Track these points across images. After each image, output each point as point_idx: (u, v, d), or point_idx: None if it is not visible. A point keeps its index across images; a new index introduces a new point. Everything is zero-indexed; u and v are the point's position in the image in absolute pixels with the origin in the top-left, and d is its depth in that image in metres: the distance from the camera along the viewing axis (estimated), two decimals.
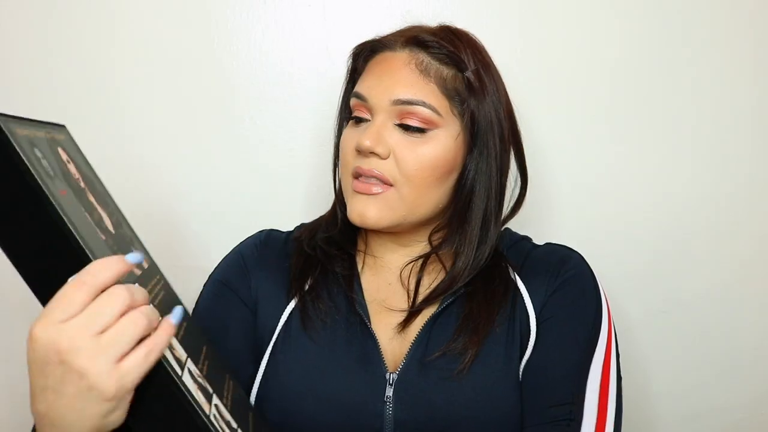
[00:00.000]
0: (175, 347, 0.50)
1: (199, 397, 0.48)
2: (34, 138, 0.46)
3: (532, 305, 0.74)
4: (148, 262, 0.55)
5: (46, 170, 0.44)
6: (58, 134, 0.52)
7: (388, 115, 0.71)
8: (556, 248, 0.80)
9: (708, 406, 1.12)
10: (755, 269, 1.08)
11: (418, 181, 0.71)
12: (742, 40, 1.02)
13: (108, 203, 0.55)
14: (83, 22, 0.99)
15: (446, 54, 0.72)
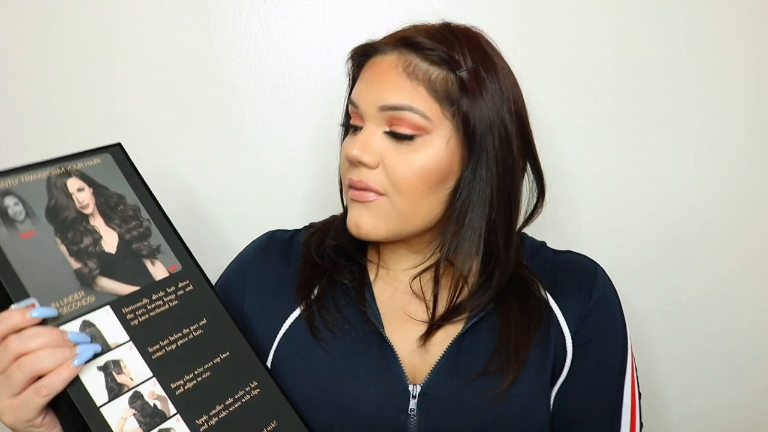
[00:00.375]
0: (127, 370, 0.57)
1: (116, 426, 0.54)
2: (11, 187, 0.58)
3: (567, 326, 0.72)
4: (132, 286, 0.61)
5: (9, 218, 0.56)
6: (90, 161, 0.64)
7: (377, 122, 0.68)
8: (580, 259, 0.78)
9: (708, 405, 1.12)
10: (755, 269, 1.08)
11: (409, 190, 0.67)
12: (742, 40, 1.02)
13: (133, 218, 0.64)
14: (83, 22, 0.99)
15: (437, 54, 0.67)
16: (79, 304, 0.57)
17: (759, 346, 1.10)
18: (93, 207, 0.62)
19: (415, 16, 1.00)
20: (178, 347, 0.61)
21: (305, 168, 1.05)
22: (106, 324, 0.58)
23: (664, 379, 1.11)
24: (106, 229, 0.62)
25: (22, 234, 0.57)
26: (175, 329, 0.62)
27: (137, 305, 0.60)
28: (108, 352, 0.57)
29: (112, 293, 0.60)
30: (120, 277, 0.61)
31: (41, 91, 1.00)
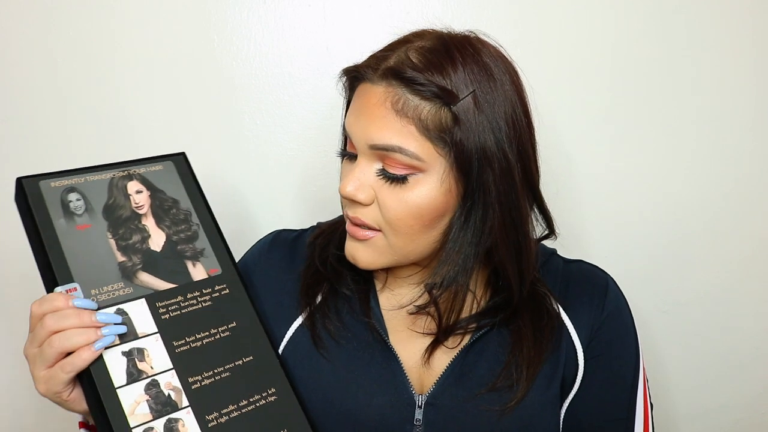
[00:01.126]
0: (149, 359, 0.61)
1: (128, 407, 0.58)
2: (77, 184, 0.66)
3: (578, 339, 0.71)
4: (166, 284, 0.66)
5: (70, 211, 0.64)
6: (153, 166, 0.71)
7: (369, 158, 0.65)
8: (591, 270, 0.77)
9: (708, 405, 1.12)
10: (755, 269, 1.08)
11: (404, 229, 0.65)
12: (742, 39, 1.02)
13: (183, 222, 0.69)
14: (83, 23, 0.99)
15: (428, 90, 0.61)
16: (116, 294, 0.63)
17: (759, 346, 1.10)
18: (147, 208, 0.68)
19: (415, 16, 1.00)
20: (202, 345, 0.64)
21: (305, 168, 1.05)
22: (138, 314, 0.63)
23: (664, 379, 1.11)
24: (156, 229, 0.68)
25: (78, 226, 0.64)
26: (203, 328, 0.65)
27: (171, 301, 0.65)
28: (135, 340, 0.61)
29: (149, 287, 0.65)
30: (160, 273, 0.66)
31: (41, 91, 1.00)
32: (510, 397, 0.68)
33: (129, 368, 0.60)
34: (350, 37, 1.01)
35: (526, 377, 0.68)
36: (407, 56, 0.63)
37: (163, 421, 0.59)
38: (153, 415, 0.59)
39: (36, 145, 1.01)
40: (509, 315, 0.70)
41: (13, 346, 1.06)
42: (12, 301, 1.05)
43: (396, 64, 0.63)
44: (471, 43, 0.65)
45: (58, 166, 1.02)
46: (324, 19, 1.01)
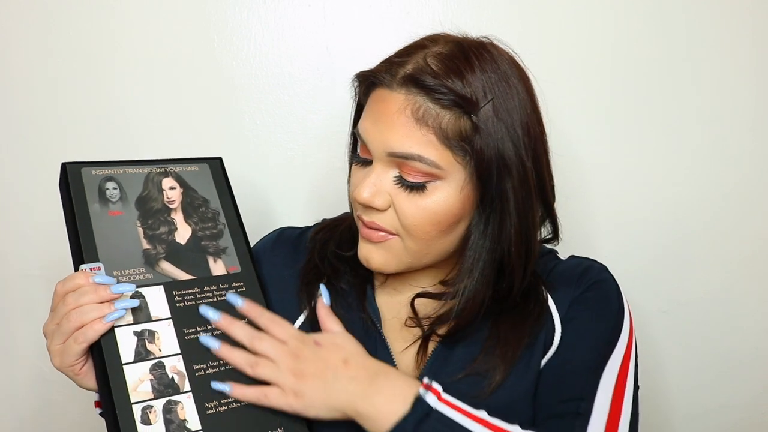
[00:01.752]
0: (159, 342, 0.64)
1: (131, 384, 0.61)
2: (115, 174, 0.71)
3: (558, 316, 0.71)
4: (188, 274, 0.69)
5: (105, 197, 0.69)
6: (189, 167, 0.75)
7: (385, 165, 0.65)
8: (580, 260, 0.77)
9: (708, 405, 1.12)
10: (755, 269, 1.08)
11: (420, 234, 0.66)
12: (742, 39, 1.02)
13: (210, 220, 0.73)
14: (83, 23, 0.99)
15: (448, 99, 0.62)
16: (137, 277, 0.66)
17: (759, 346, 1.10)
18: (178, 203, 0.73)
19: (415, 16, 1.00)
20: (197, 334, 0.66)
21: (306, 168, 1.05)
22: (154, 299, 0.66)
23: (664, 379, 1.11)
24: (183, 224, 0.72)
25: (111, 212, 0.69)
26: None
27: (187, 291, 0.68)
28: (148, 322, 0.64)
29: (169, 276, 0.68)
30: (181, 264, 0.69)
31: (41, 91, 1.00)
32: (488, 382, 0.67)
33: (138, 347, 0.62)
34: (350, 37, 1.01)
35: (503, 362, 0.68)
36: (426, 63, 0.63)
37: (163, 401, 0.61)
38: (154, 395, 0.61)
39: (35, 145, 1.01)
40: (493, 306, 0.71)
41: (13, 347, 1.06)
42: (12, 302, 1.05)
43: (415, 70, 0.63)
44: (487, 49, 0.66)
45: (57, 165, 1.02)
46: (324, 19, 1.01)
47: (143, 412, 0.60)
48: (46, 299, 1.04)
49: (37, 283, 1.04)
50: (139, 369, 0.62)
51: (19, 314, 1.05)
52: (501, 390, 0.67)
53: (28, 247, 1.03)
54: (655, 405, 1.11)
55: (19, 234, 1.03)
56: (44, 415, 1.08)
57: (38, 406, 1.07)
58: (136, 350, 0.62)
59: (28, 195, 1.02)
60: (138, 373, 0.61)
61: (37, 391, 1.07)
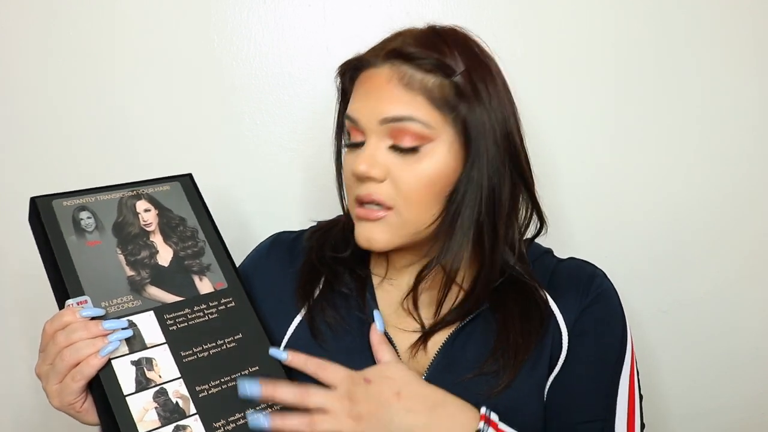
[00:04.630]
0: (157, 368, 0.63)
1: (137, 414, 0.60)
2: (87, 203, 0.69)
3: (564, 324, 0.72)
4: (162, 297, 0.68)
5: (81, 228, 0.68)
6: (160, 187, 0.74)
7: (379, 136, 0.68)
8: (581, 264, 0.78)
9: (708, 405, 1.12)
10: (755, 269, 1.08)
11: (417, 199, 0.68)
12: (742, 39, 1.02)
13: (189, 238, 0.72)
14: (83, 23, 0.99)
15: (429, 62, 0.67)
16: (125, 306, 0.65)
17: (759, 346, 1.10)
18: (155, 226, 0.72)
19: (415, 16, 1.00)
20: (210, 355, 0.66)
21: (306, 168, 1.05)
22: (146, 326, 0.65)
23: (664, 379, 1.11)
24: (164, 246, 0.71)
25: (88, 242, 0.67)
26: (210, 339, 0.67)
27: (178, 313, 0.67)
28: (143, 350, 0.64)
29: (157, 300, 0.67)
30: (168, 287, 0.68)
31: (41, 91, 1.00)
32: (496, 382, 0.68)
33: (138, 377, 0.62)
34: (350, 37, 1.01)
35: (513, 364, 0.69)
36: (405, 40, 0.69)
37: (171, 427, 0.61)
38: (161, 422, 0.61)
39: (35, 145, 1.01)
40: (497, 303, 0.72)
41: (13, 347, 1.06)
42: (12, 302, 1.05)
43: (396, 45, 0.69)
44: (459, 32, 0.73)
45: (57, 168, 1.02)
46: (324, 19, 1.01)
47: None
48: (45, 299, 1.04)
49: (37, 283, 1.03)
50: (143, 398, 0.61)
51: (19, 314, 1.05)
52: (509, 390, 0.68)
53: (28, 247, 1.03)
54: (655, 405, 1.11)
55: (19, 234, 1.03)
56: (44, 415, 1.08)
57: (38, 406, 1.07)
58: (136, 380, 0.62)
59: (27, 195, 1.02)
60: (142, 403, 0.61)
61: (36, 391, 1.07)
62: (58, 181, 1.01)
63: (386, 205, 0.68)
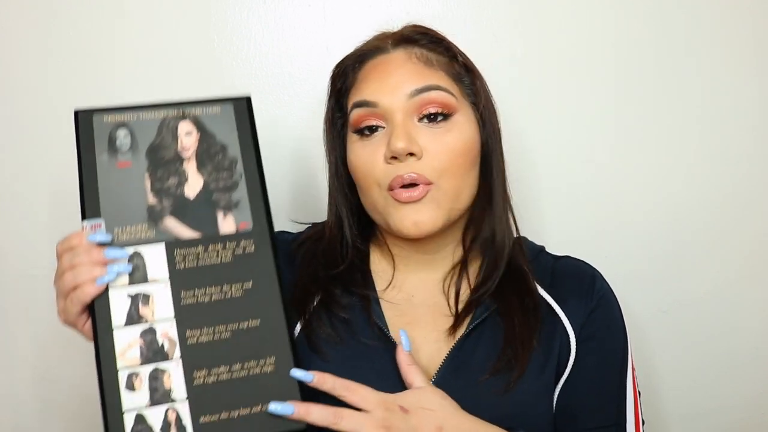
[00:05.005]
0: (152, 306, 0.61)
1: (120, 348, 0.60)
2: (129, 121, 0.66)
3: (571, 327, 0.73)
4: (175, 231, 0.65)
5: (115, 147, 0.65)
6: (210, 109, 0.69)
7: (406, 112, 0.69)
8: (578, 264, 0.79)
9: (708, 405, 1.12)
10: (755, 269, 1.08)
11: (454, 170, 0.69)
12: (741, 39, 1.02)
13: (226, 169, 0.67)
14: (83, 22, 0.99)
15: (438, 44, 0.73)
16: (138, 235, 0.63)
17: (759, 346, 1.10)
18: (192, 152, 0.67)
19: (415, 16, 0.99)
20: (210, 301, 0.63)
21: (306, 169, 1.05)
22: (153, 259, 0.63)
23: (664, 379, 1.11)
24: (195, 174, 0.67)
25: (119, 163, 0.65)
26: (215, 283, 0.63)
27: (190, 250, 0.64)
28: (143, 284, 0.62)
29: (172, 234, 0.64)
30: (187, 220, 0.65)
31: (41, 91, 1.00)
32: (510, 378, 0.69)
33: (131, 311, 0.61)
34: (350, 37, 1.00)
35: (522, 355, 0.69)
36: (409, 30, 0.74)
37: (150, 368, 0.60)
38: (142, 360, 0.60)
39: (35, 145, 1.01)
40: (500, 301, 0.72)
41: (13, 347, 1.06)
42: (12, 302, 1.05)
43: (405, 33, 0.74)
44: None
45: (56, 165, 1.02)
46: (324, 19, 1.01)
47: (128, 378, 0.59)
48: (46, 299, 1.04)
49: (37, 283, 1.04)
50: (130, 333, 0.60)
51: (19, 314, 1.05)
52: (519, 387, 0.69)
53: (28, 247, 1.03)
54: (655, 405, 1.11)
55: (19, 234, 1.03)
56: (44, 416, 1.08)
57: (38, 407, 1.07)
58: (128, 314, 0.61)
59: (27, 195, 1.02)
60: (128, 338, 0.60)
61: (36, 391, 1.07)
62: (59, 180, 1.01)
63: (427, 181, 0.68)
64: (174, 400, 0.59)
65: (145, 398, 0.59)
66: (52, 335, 1.05)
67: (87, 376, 1.05)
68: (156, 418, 0.58)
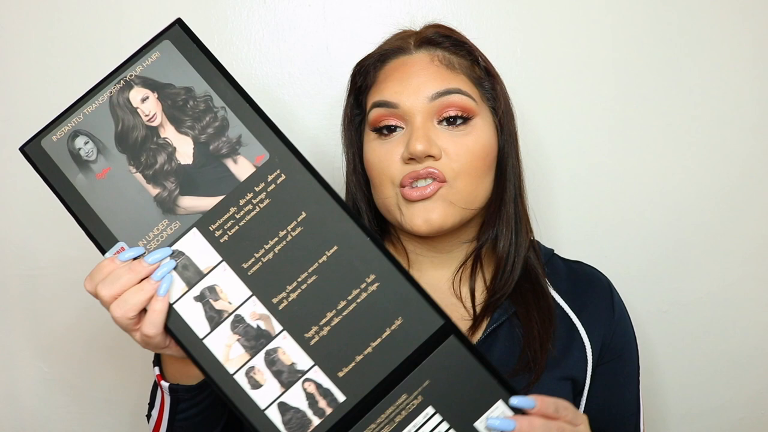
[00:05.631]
0: (224, 295, 0.55)
1: (221, 355, 0.54)
2: (77, 125, 0.58)
3: (589, 341, 0.73)
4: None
5: (83, 160, 0.57)
6: (148, 58, 0.60)
7: (426, 115, 0.69)
8: (594, 273, 0.80)
9: (708, 405, 1.12)
10: (755, 269, 1.08)
11: (471, 171, 0.70)
12: (741, 39, 1.02)
13: (206, 112, 0.58)
14: (83, 22, 0.99)
15: (461, 47, 0.73)
16: (165, 235, 0.56)
17: (759, 346, 1.10)
18: (161, 115, 0.58)
19: (415, 15, 1.00)
20: (275, 255, 0.56)
21: None
22: (195, 248, 0.56)
23: (664, 379, 1.11)
24: (178, 137, 0.58)
25: (98, 174, 0.58)
26: (269, 234, 0.56)
27: (224, 218, 0.57)
28: (202, 279, 0.56)
29: (196, 212, 0.57)
30: (201, 191, 0.57)
31: (41, 91, 1.00)
32: (530, 376, 0.69)
33: (207, 312, 0.55)
34: (350, 37, 1.01)
35: (540, 352, 0.69)
36: (432, 32, 0.74)
37: (262, 355, 0.55)
38: (250, 354, 0.55)
39: None
40: (517, 303, 0.72)
41: (13, 347, 1.06)
42: (12, 302, 1.05)
43: (427, 35, 0.74)
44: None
45: None
46: (324, 19, 1.01)
47: (248, 376, 0.54)
48: (46, 299, 1.04)
49: (37, 283, 1.04)
50: (221, 335, 0.55)
51: (19, 314, 1.05)
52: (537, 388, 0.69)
53: (28, 247, 1.03)
54: (655, 405, 1.11)
55: (19, 234, 1.03)
56: (44, 416, 1.08)
57: (38, 407, 1.07)
58: (207, 317, 0.55)
59: (27, 194, 1.02)
60: (222, 340, 0.54)
61: (37, 392, 1.07)
62: None
63: (441, 178, 0.68)
64: (303, 371, 0.55)
65: (276, 386, 0.54)
66: (52, 335, 1.05)
67: (87, 375, 1.06)
68: (297, 397, 0.54)
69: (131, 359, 1.06)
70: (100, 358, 1.06)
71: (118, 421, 1.07)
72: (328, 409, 0.54)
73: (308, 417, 0.54)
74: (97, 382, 1.06)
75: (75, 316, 1.04)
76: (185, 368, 0.62)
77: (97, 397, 1.07)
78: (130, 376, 1.06)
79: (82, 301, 1.03)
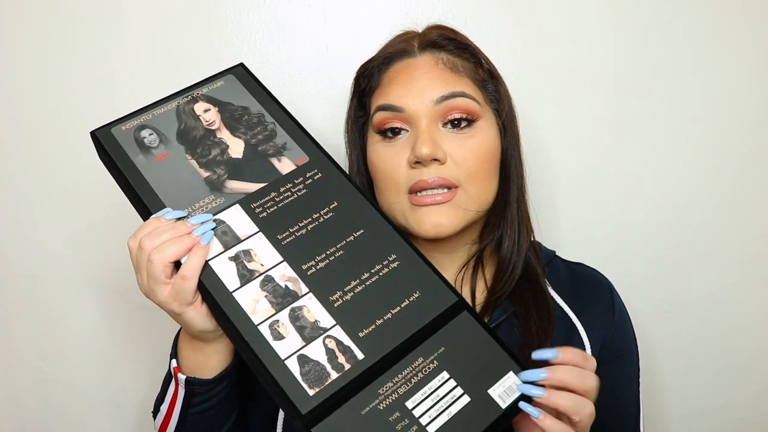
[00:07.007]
0: (257, 258, 0.61)
1: (248, 307, 0.58)
2: (146, 121, 0.67)
3: (588, 342, 0.73)
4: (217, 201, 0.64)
5: (146, 146, 0.66)
6: (214, 84, 0.71)
7: (431, 118, 0.70)
8: (595, 275, 0.80)
9: (708, 405, 1.12)
10: (755, 269, 1.08)
11: (480, 175, 0.70)
12: (742, 39, 1.02)
13: (257, 124, 0.69)
14: (83, 22, 0.99)
15: (464, 50, 0.73)
16: (209, 206, 0.63)
17: (759, 346, 1.10)
18: (219, 122, 0.68)
19: (415, 15, 1.00)
20: (308, 231, 0.63)
21: None
22: (235, 220, 0.62)
23: (664, 379, 1.11)
24: (232, 139, 0.67)
25: (157, 157, 0.65)
26: (304, 215, 0.63)
27: (265, 199, 0.64)
28: (238, 244, 0.61)
29: (240, 192, 0.64)
30: (247, 177, 0.65)
31: (41, 91, 1.00)
32: None
33: (239, 270, 0.60)
34: (350, 37, 1.01)
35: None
36: (436, 34, 0.74)
37: (287, 311, 0.58)
38: (275, 308, 0.58)
39: (34, 145, 1.01)
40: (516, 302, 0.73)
41: (13, 347, 1.06)
42: (12, 302, 1.05)
43: (431, 37, 0.74)
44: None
45: (57, 165, 1.02)
46: (324, 19, 1.01)
47: (271, 328, 0.57)
48: (46, 299, 1.04)
49: (37, 283, 1.04)
50: (250, 290, 0.59)
51: (19, 314, 1.05)
52: None
53: (28, 247, 1.03)
54: (655, 405, 1.11)
55: (19, 234, 1.03)
56: (44, 416, 1.08)
57: (38, 407, 1.07)
58: (239, 274, 0.59)
59: (28, 194, 1.02)
60: (251, 295, 0.59)
61: (37, 392, 1.07)
62: (59, 180, 1.01)
63: (451, 185, 0.69)
64: (325, 328, 0.58)
65: (297, 339, 0.57)
66: (52, 335, 1.05)
67: (87, 376, 1.06)
68: (317, 351, 0.57)
69: (131, 359, 1.06)
70: (101, 359, 1.06)
71: (118, 422, 1.07)
72: (347, 365, 0.56)
73: (327, 370, 0.56)
74: (97, 382, 1.06)
75: (75, 316, 1.04)
76: (203, 358, 0.64)
77: (97, 397, 1.07)
78: (130, 377, 1.06)
79: (82, 301, 1.03)
